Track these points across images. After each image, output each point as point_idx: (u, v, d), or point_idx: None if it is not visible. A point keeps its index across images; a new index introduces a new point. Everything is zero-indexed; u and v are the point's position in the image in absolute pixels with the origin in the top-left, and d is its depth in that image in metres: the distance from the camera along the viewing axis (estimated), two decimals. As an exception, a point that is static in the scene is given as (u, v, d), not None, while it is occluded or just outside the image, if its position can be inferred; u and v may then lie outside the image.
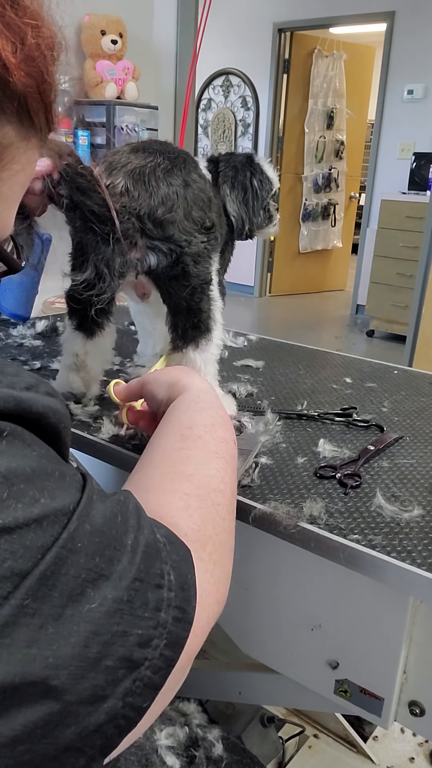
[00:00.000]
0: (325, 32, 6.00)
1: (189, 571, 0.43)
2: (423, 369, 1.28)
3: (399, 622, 0.68)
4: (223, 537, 0.51)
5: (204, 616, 0.44)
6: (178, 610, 0.40)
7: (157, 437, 0.58)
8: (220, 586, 0.49)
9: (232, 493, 0.56)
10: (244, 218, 1.06)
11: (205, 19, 1.81)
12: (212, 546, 0.49)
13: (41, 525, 0.34)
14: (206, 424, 0.58)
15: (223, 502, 0.53)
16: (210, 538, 0.49)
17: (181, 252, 0.84)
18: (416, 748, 1.24)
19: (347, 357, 1.31)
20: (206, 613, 0.45)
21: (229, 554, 0.52)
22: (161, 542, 0.42)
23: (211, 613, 0.47)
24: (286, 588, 0.79)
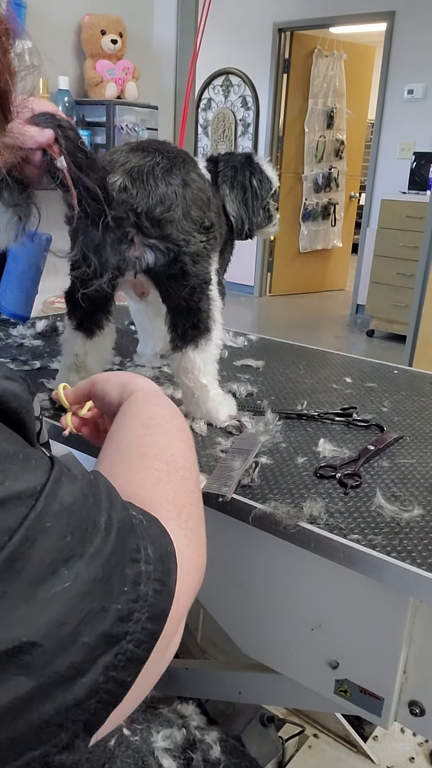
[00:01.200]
0: (325, 32, 6.00)
1: (167, 543, 0.43)
2: (423, 369, 1.28)
3: (399, 622, 0.68)
4: (195, 508, 0.52)
5: (186, 583, 0.44)
6: (158, 582, 0.40)
7: (117, 429, 0.58)
8: (199, 551, 0.50)
9: (195, 473, 0.57)
10: (244, 218, 1.05)
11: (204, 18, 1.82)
12: (187, 515, 0.50)
13: (5, 507, 0.34)
14: (164, 415, 0.59)
15: (191, 478, 0.54)
16: (184, 507, 0.50)
17: (179, 251, 0.84)
18: (416, 748, 1.24)
19: (347, 357, 1.31)
20: (188, 579, 0.45)
21: (202, 525, 0.52)
22: (136, 518, 0.42)
23: (193, 578, 0.47)
24: (286, 588, 0.79)
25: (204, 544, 0.52)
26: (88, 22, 2.24)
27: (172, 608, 0.41)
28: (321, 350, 1.35)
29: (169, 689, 1.14)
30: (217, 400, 0.93)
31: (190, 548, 0.47)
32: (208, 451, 0.85)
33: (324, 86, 6.22)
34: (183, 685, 1.12)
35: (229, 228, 1.07)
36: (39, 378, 1.07)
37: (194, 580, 0.47)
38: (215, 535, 0.84)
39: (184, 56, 2.81)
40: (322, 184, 6.56)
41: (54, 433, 0.92)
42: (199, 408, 0.92)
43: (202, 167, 1.02)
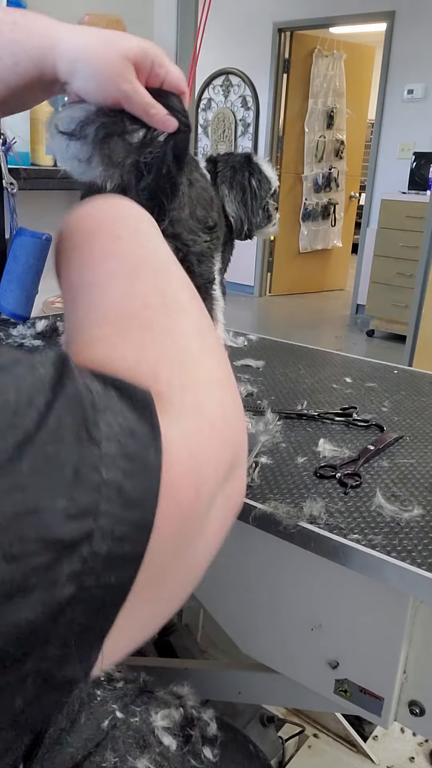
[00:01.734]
0: (325, 32, 6.00)
1: (142, 414, 0.33)
2: (423, 369, 1.28)
3: (399, 622, 0.68)
4: (196, 362, 0.39)
5: (185, 457, 0.33)
6: (127, 460, 0.31)
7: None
8: (206, 416, 0.37)
9: (195, 311, 0.44)
10: (243, 218, 1.06)
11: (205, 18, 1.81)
12: (181, 377, 0.37)
13: None
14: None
15: (188, 321, 0.42)
16: (166, 367, 0.38)
17: (187, 251, 0.84)
18: (416, 748, 1.24)
19: (347, 357, 1.31)
20: (187, 454, 0.34)
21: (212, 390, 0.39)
22: (95, 391, 0.32)
23: (206, 436, 0.35)
24: (286, 588, 0.79)
25: (226, 406, 0.39)
26: (88, 22, 2.24)
27: (164, 493, 0.32)
28: (321, 350, 1.35)
29: (169, 689, 1.14)
30: (217, 400, 0.93)
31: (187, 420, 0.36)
32: (208, 451, 0.85)
33: (324, 86, 6.23)
34: (183, 685, 1.12)
35: (228, 228, 1.07)
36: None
37: (208, 438, 0.36)
38: (215, 535, 0.84)
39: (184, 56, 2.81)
40: (322, 184, 6.56)
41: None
42: (199, 408, 0.92)
43: (202, 167, 1.02)
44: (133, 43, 0.65)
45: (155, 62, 0.66)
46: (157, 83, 0.68)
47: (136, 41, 0.66)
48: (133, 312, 0.41)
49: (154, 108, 0.67)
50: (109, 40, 0.64)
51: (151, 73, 0.67)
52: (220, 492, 0.37)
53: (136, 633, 0.33)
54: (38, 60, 0.62)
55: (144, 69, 0.66)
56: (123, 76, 0.64)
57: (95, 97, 0.66)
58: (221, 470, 0.36)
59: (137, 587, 0.31)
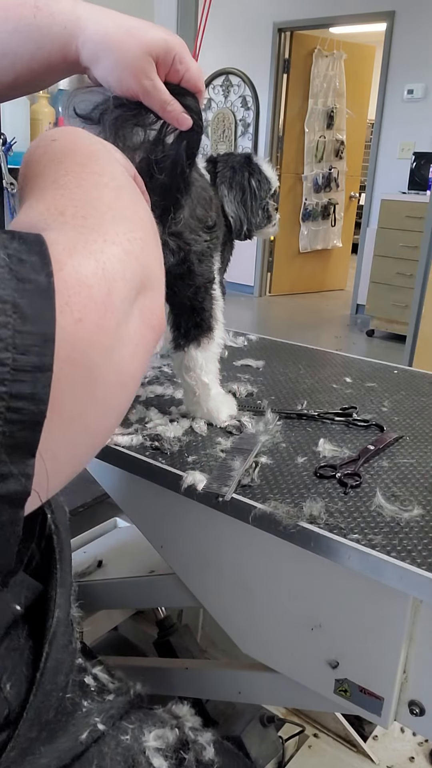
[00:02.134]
0: (325, 32, 6.00)
1: (32, 247, 0.35)
2: (423, 369, 1.28)
3: (399, 622, 0.68)
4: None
5: (85, 274, 0.36)
6: (19, 282, 0.33)
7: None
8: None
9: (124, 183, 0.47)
10: (242, 218, 1.06)
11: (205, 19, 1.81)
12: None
13: None
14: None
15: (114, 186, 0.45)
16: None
17: (188, 250, 0.84)
18: (416, 748, 1.24)
19: (347, 357, 1.31)
20: (90, 270, 0.36)
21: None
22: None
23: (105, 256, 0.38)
24: (286, 588, 0.79)
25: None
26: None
27: (74, 299, 0.34)
28: (321, 350, 1.35)
29: (169, 689, 1.14)
30: (218, 400, 0.93)
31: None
32: (208, 451, 0.85)
33: (324, 86, 6.23)
34: (183, 685, 1.12)
35: (228, 228, 1.07)
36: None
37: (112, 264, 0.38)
38: (215, 535, 0.84)
39: (184, 56, 2.81)
40: (322, 184, 6.56)
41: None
42: (200, 407, 0.92)
43: (202, 167, 1.02)
44: (158, 36, 0.65)
45: (177, 58, 0.66)
46: (177, 79, 0.69)
47: (160, 34, 0.65)
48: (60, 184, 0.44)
49: (171, 105, 0.68)
50: (133, 31, 0.64)
51: (172, 68, 0.67)
52: (134, 308, 0.40)
53: (73, 455, 0.36)
54: (61, 46, 0.62)
55: (165, 64, 0.66)
56: (144, 71, 0.64)
57: (115, 88, 0.66)
58: (129, 286, 0.39)
59: (56, 402, 0.34)
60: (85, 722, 0.60)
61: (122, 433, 0.88)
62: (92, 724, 0.60)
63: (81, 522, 1.79)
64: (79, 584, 1.26)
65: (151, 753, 0.62)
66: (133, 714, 0.66)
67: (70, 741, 0.58)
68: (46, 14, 0.61)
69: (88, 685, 0.66)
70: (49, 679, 0.55)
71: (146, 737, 0.63)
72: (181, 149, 0.71)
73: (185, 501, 0.78)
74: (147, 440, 0.87)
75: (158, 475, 0.81)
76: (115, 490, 0.98)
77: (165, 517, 0.90)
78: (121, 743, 0.61)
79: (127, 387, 0.41)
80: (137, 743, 0.62)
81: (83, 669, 0.68)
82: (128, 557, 1.39)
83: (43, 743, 0.56)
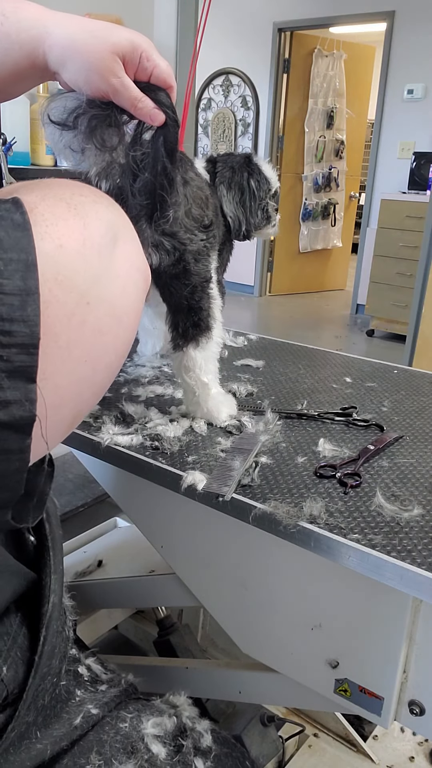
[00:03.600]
0: (325, 32, 6.00)
1: (9, 209, 0.38)
2: (423, 368, 1.28)
3: (399, 622, 0.68)
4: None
5: (58, 216, 0.39)
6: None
7: None
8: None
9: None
10: (241, 219, 1.05)
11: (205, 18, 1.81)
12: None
13: None
14: None
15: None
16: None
17: (184, 250, 0.84)
18: (416, 748, 1.24)
19: (347, 356, 1.31)
20: (63, 213, 0.40)
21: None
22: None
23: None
24: (286, 588, 0.79)
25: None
26: (88, 22, 2.24)
27: (50, 235, 0.37)
28: (321, 350, 1.35)
29: (169, 688, 1.14)
30: (218, 399, 0.93)
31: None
32: (208, 451, 0.85)
33: (324, 86, 6.23)
34: (183, 685, 1.12)
35: (227, 228, 1.07)
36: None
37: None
38: (215, 535, 0.84)
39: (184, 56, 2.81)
40: (322, 184, 6.56)
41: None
42: (199, 407, 0.92)
43: (201, 168, 1.02)
44: (123, 36, 0.66)
45: (144, 56, 0.67)
46: (146, 77, 0.69)
47: (125, 34, 0.66)
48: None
49: (142, 102, 0.68)
50: (98, 32, 0.65)
51: (140, 66, 0.68)
52: (115, 248, 0.43)
53: (75, 388, 0.38)
54: (29, 52, 0.63)
55: (132, 62, 0.67)
56: (111, 70, 0.65)
57: (84, 89, 0.67)
58: (104, 224, 0.42)
59: (49, 326, 0.36)
60: (79, 709, 0.62)
61: (122, 433, 0.88)
62: (85, 710, 0.62)
63: (81, 522, 1.79)
64: (79, 584, 1.26)
65: (150, 740, 0.63)
66: (131, 704, 0.67)
67: (65, 727, 0.59)
68: (13, 21, 0.61)
69: (81, 675, 0.68)
70: (45, 663, 0.56)
71: (144, 725, 0.64)
72: (158, 146, 0.71)
73: (185, 501, 0.78)
74: (147, 440, 0.87)
75: (158, 475, 0.81)
76: (115, 490, 0.98)
77: (165, 517, 0.90)
78: (120, 731, 0.62)
79: (121, 321, 0.43)
80: (136, 731, 0.63)
81: (77, 659, 0.69)
82: (128, 557, 1.39)
83: (39, 728, 0.57)
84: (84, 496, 2.12)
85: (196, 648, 1.32)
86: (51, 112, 0.69)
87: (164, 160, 0.72)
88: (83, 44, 0.64)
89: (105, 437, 0.86)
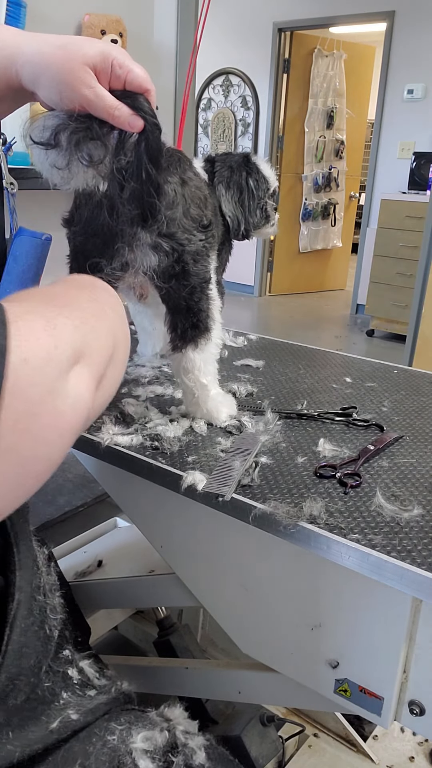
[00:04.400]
0: (325, 32, 6.00)
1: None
2: (423, 368, 1.28)
3: (399, 622, 0.68)
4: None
5: (36, 336, 0.44)
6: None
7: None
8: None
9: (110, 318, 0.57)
10: (240, 218, 1.05)
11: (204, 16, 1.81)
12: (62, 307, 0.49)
13: None
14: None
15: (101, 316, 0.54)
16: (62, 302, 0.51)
17: (182, 251, 0.84)
18: (416, 748, 1.24)
19: (347, 356, 1.31)
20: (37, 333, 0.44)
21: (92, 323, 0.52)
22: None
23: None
24: (286, 588, 0.79)
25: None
26: (88, 22, 2.24)
27: (23, 352, 0.41)
28: (321, 350, 1.35)
29: (169, 689, 1.14)
30: (217, 400, 0.93)
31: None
32: (208, 451, 0.85)
33: (324, 86, 6.23)
34: (183, 685, 1.12)
35: (226, 228, 1.07)
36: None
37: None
38: (215, 535, 0.84)
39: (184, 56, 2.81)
40: (322, 184, 6.56)
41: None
42: (199, 408, 0.92)
43: (200, 167, 1.02)
44: (93, 47, 0.66)
45: (115, 63, 0.67)
46: (120, 84, 0.68)
47: (97, 45, 0.66)
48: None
49: (118, 110, 0.67)
50: (68, 46, 0.65)
51: (112, 74, 0.67)
52: (73, 371, 0.47)
53: (3, 490, 0.40)
54: (2, 72, 0.64)
55: (105, 72, 0.67)
56: (82, 81, 0.65)
57: (60, 104, 0.67)
58: (72, 348, 0.46)
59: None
60: (59, 713, 0.60)
61: (122, 433, 0.88)
62: (65, 715, 0.60)
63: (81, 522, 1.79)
64: (79, 584, 1.26)
65: (138, 754, 0.60)
66: (123, 715, 0.65)
67: (41, 730, 0.58)
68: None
69: (71, 677, 0.66)
70: (13, 662, 0.55)
71: (134, 738, 0.62)
72: (141, 152, 0.70)
73: (185, 501, 0.78)
74: (147, 440, 0.87)
75: (158, 475, 0.81)
76: (115, 490, 0.98)
77: (165, 517, 0.90)
78: (107, 743, 0.61)
79: (63, 437, 0.46)
80: (124, 744, 0.61)
81: (69, 661, 0.68)
82: (128, 557, 1.39)
83: (13, 729, 0.56)
84: (84, 496, 2.12)
85: (196, 648, 1.32)
86: (32, 133, 0.69)
87: (148, 166, 0.71)
88: (53, 57, 0.64)
89: (105, 437, 0.86)
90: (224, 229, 1.06)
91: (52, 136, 0.68)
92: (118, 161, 0.70)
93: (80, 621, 0.94)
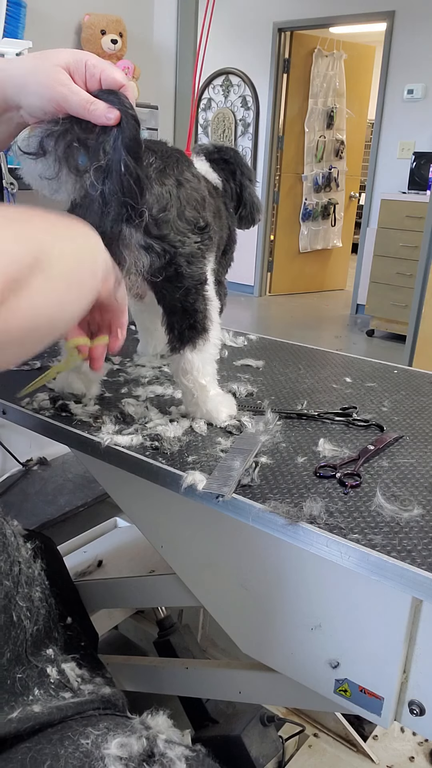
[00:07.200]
0: (325, 32, 6.00)
1: None
2: (423, 368, 1.28)
3: (399, 622, 0.68)
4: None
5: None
6: None
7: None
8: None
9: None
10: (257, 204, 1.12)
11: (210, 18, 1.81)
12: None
13: None
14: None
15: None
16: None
17: (175, 253, 0.83)
18: (416, 748, 1.24)
19: (347, 356, 1.31)
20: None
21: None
22: None
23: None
24: (286, 588, 0.79)
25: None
26: (88, 22, 2.25)
27: None
28: (321, 350, 1.35)
29: (169, 688, 1.14)
30: (217, 400, 0.93)
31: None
32: (208, 451, 0.85)
33: (324, 86, 6.23)
34: (183, 685, 1.12)
35: (230, 230, 1.07)
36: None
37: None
38: (215, 535, 0.84)
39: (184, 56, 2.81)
40: (322, 184, 6.56)
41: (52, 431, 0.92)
42: (199, 408, 0.92)
43: (207, 167, 1.02)
44: (67, 51, 0.70)
45: (88, 63, 0.70)
46: (95, 83, 0.71)
47: (70, 50, 0.70)
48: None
49: (93, 104, 0.70)
50: (44, 54, 0.70)
51: (87, 74, 0.70)
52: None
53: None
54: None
55: (79, 72, 0.70)
56: (57, 80, 0.68)
57: (41, 108, 0.70)
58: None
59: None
60: (24, 708, 0.60)
61: (122, 433, 0.88)
62: (28, 710, 0.60)
63: (81, 522, 1.79)
64: (79, 584, 1.26)
65: (111, 761, 0.59)
66: (103, 720, 0.64)
67: (1, 717, 0.58)
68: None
69: (48, 675, 0.66)
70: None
71: (108, 744, 0.60)
72: (119, 147, 0.71)
73: (185, 501, 0.78)
74: (147, 440, 0.87)
75: (158, 475, 0.81)
76: (115, 490, 0.98)
77: (165, 517, 0.90)
78: (80, 747, 0.59)
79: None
80: (98, 749, 0.60)
81: (50, 660, 0.67)
82: (128, 557, 1.39)
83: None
84: (84, 496, 2.12)
85: (196, 648, 1.32)
86: (20, 145, 0.72)
87: (126, 159, 0.71)
88: (32, 66, 0.69)
89: (105, 437, 0.86)
90: (229, 232, 1.06)
91: (39, 145, 0.71)
92: (99, 160, 0.72)
93: (87, 626, 0.93)
